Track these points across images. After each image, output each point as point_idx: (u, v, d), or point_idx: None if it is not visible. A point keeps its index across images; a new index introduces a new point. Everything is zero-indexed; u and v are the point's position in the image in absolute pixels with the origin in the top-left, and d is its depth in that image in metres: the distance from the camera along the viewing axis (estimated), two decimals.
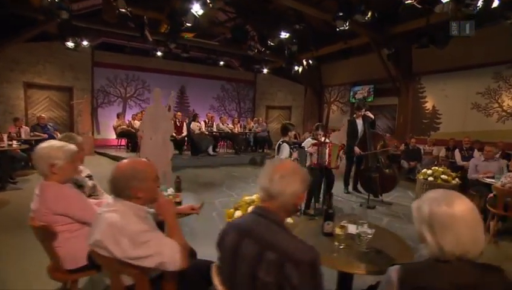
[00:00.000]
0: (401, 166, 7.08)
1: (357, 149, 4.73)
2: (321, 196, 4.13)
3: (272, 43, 7.69)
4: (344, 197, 4.87)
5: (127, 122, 8.77)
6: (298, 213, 3.90)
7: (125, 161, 1.37)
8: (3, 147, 4.67)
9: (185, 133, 8.28)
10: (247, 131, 9.40)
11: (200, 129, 8.29)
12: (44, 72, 8.30)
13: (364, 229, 1.64)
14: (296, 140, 5.34)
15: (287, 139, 3.83)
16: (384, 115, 9.32)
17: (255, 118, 10.40)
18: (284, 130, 3.84)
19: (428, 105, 8.09)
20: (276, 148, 3.86)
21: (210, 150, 8.20)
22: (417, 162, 6.88)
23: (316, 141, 4.11)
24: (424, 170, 4.81)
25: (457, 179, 4.64)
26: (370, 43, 7.89)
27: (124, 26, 7.66)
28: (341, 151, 4.10)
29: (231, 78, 11.88)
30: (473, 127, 7.08)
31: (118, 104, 9.77)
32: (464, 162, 5.73)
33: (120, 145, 8.59)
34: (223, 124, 9.15)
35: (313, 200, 4.06)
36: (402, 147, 7.53)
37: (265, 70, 10.91)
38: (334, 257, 1.54)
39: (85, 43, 7.86)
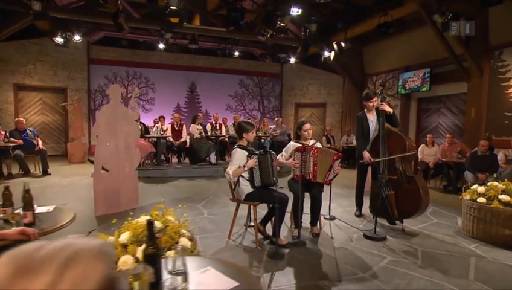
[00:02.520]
0: (464, 179, 5.89)
1: (366, 154, 3.94)
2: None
3: (282, 24, 7.19)
4: (350, 222, 4.04)
5: None
6: (266, 241, 3.39)
7: None
8: None
9: (184, 138, 8.22)
10: (261, 134, 8.91)
11: (200, 133, 8.11)
12: (36, 72, 9.01)
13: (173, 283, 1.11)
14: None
15: (243, 143, 3.43)
16: (448, 108, 8.03)
17: (275, 119, 9.90)
18: (239, 131, 3.48)
19: None
20: None
21: (212, 157, 7.94)
22: (488, 174, 5.62)
23: (300, 145, 3.60)
24: (475, 186, 3.77)
25: None
26: (420, 12, 6.88)
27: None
28: (336, 162, 3.46)
29: (251, 71, 11.61)
30: None
31: None
32: None
33: None
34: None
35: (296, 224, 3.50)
36: (469, 152, 6.28)
37: (292, 60, 10.37)
38: None
39: (77, 38, 8.37)
